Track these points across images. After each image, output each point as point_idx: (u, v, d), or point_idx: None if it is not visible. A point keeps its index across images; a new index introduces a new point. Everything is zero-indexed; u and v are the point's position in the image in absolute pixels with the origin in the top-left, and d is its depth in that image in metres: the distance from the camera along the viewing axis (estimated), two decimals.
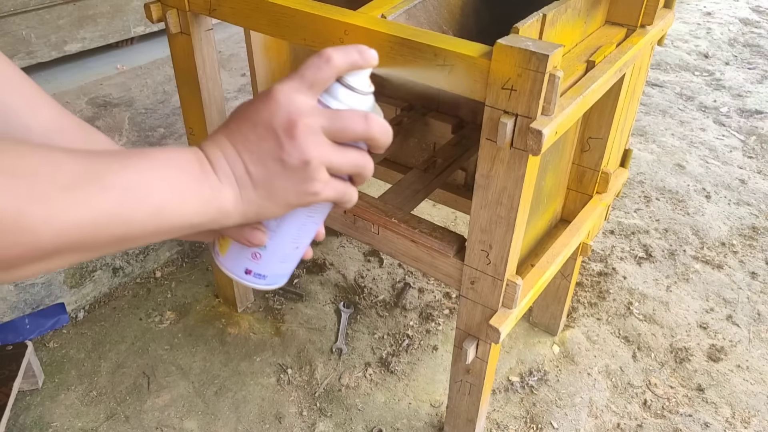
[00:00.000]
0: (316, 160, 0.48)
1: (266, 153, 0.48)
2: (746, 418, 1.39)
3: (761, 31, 3.45)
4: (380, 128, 0.51)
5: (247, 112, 0.49)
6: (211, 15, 1.05)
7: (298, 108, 0.48)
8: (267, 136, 0.48)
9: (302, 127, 0.47)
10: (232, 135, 0.49)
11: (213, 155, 0.49)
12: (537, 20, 0.85)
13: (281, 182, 0.48)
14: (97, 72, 2.60)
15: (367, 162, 0.52)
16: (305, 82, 0.50)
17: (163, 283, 1.70)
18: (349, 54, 0.51)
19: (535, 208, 1.11)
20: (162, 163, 0.46)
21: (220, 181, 0.48)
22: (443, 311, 1.62)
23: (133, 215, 0.43)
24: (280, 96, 0.49)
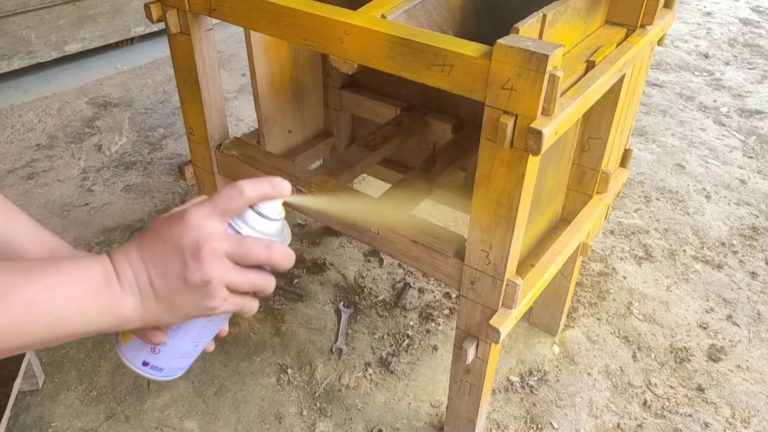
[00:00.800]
0: (216, 280, 0.52)
1: (171, 270, 0.52)
2: (746, 418, 1.39)
3: (761, 31, 3.45)
4: (281, 256, 0.56)
5: (160, 229, 0.54)
6: (211, 15, 1.05)
7: (207, 233, 0.52)
8: (174, 254, 0.52)
9: (207, 250, 0.52)
10: (143, 249, 0.54)
11: (120, 266, 0.53)
12: (537, 20, 0.85)
13: (182, 297, 0.53)
14: (97, 72, 2.60)
15: (266, 282, 0.57)
16: (217, 210, 0.53)
17: None
18: (262, 187, 0.55)
19: (535, 208, 1.11)
20: (68, 277, 0.51)
21: (123, 292, 0.52)
22: (443, 311, 1.62)
23: (31, 327, 0.48)
24: (192, 219, 0.53)
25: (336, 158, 1.43)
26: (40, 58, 2.46)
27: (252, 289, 0.56)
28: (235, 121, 2.22)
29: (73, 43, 2.55)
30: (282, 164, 1.22)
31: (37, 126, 2.17)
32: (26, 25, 2.36)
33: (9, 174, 1.89)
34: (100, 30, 2.61)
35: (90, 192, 1.82)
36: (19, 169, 1.92)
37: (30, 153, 2.01)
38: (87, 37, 2.58)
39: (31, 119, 2.20)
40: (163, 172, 1.92)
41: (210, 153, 1.29)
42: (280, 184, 0.56)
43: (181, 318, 0.55)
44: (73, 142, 2.09)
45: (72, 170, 1.94)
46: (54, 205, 1.75)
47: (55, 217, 1.70)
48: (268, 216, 0.57)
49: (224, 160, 1.29)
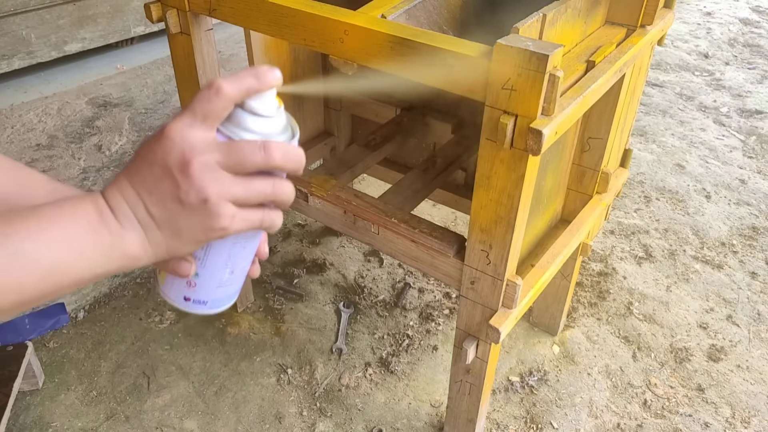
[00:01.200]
0: (215, 196, 0.46)
1: (164, 193, 0.47)
2: (746, 418, 1.39)
3: (761, 31, 3.45)
4: (281, 155, 0.48)
5: (145, 152, 0.48)
6: (211, 15, 1.05)
7: (192, 144, 0.46)
8: (163, 176, 0.46)
9: (197, 165, 0.46)
10: (132, 177, 0.48)
11: (113, 200, 0.48)
12: (537, 20, 0.85)
13: (185, 221, 0.47)
14: (97, 72, 2.60)
15: (279, 188, 0.49)
16: (197, 116, 0.47)
17: None
18: (243, 80, 0.48)
19: (535, 208, 1.11)
20: (53, 220, 0.45)
21: (122, 227, 0.47)
22: (443, 311, 1.62)
23: (22, 281, 0.43)
24: (172, 133, 0.47)
25: (336, 158, 1.43)
26: (40, 58, 2.46)
27: (264, 199, 0.49)
28: None
29: (73, 43, 2.55)
30: None
31: (37, 126, 2.17)
32: (26, 25, 2.36)
33: None
34: (100, 30, 2.61)
35: (90, 192, 1.82)
36: None
37: (30, 153, 2.01)
38: (87, 37, 2.58)
39: (31, 119, 2.20)
40: None
41: None
42: (266, 73, 0.48)
43: (193, 244, 0.49)
44: (73, 142, 2.08)
45: (72, 170, 1.94)
46: None
47: None
48: (261, 113, 0.49)
49: None
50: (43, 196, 0.58)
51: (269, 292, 1.66)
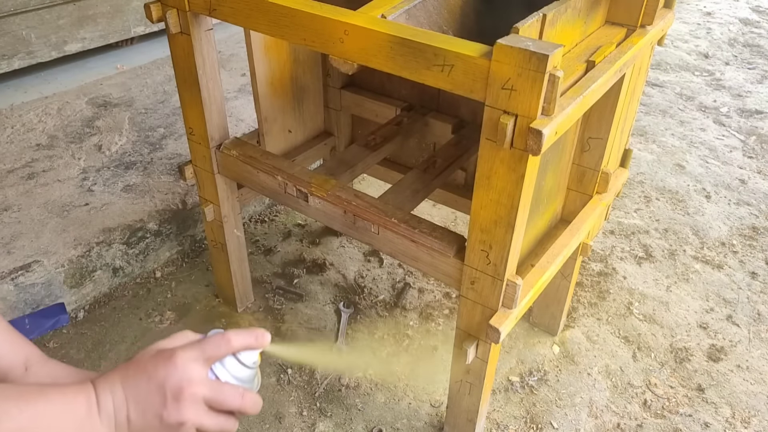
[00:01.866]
0: (190, 422, 0.57)
1: (150, 407, 0.56)
2: (746, 418, 1.39)
3: (761, 31, 3.45)
4: (251, 404, 0.61)
5: (147, 365, 0.58)
6: (211, 15, 1.05)
7: (190, 377, 0.57)
8: (156, 392, 0.56)
9: (188, 395, 0.56)
10: (127, 381, 0.57)
11: (102, 397, 0.57)
12: (537, 20, 0.85)
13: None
14: (97, 72, 2.60)
15: (232, 426, 0.61)
16: (204, 356, 0.58)
17: (163, 283, 1.70)
18: (247, 338, 0.61)
19: (535, 208, 1.11)
20: (55, 407, 0.54)
21: (101, 423, 0.56)
22: (443, 311, 1.62)
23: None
24: (179, 362, 0.57)
25: (336, 158, 1.43)
26: (40, 58, 2.46)
27: (218, 430, 0.61)
28: (235, 121, 2.21)
29: (73, 43, 2.55)
30: (282, 164, 1.22)
31: (37, 126, 2.17)
32: (26, 25, 2.36)
33: (9, 174, 1.89)
34: (100, 30, 2.61)
35: (90, 192, 1.82)
36: (19, 169, 1.92)
37: (30, 153, 2.01)
38: (87, 37, 2.58)
39: (31, 119, 2.20)
40: (163, 172, 1.92)
41: (210, 153, 1.29)
42: (263, 336, 0.62)
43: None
44: (73, 142, 2.08)
45: (72, 170, 1.94)
46: (54, 205, 1.75)
47: (55, 217, 1.70)
48: (246, 364, 0.62)
49: (224, 160, 1.29)
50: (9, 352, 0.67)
51: (269, 292, 1.66)
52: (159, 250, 1.75)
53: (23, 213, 1.73)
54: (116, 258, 1.65)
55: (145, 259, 1.72)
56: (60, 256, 1.56)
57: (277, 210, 1.97)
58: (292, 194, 1.20)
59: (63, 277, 1.56)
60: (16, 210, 1.74)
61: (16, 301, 1.50)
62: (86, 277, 1.60)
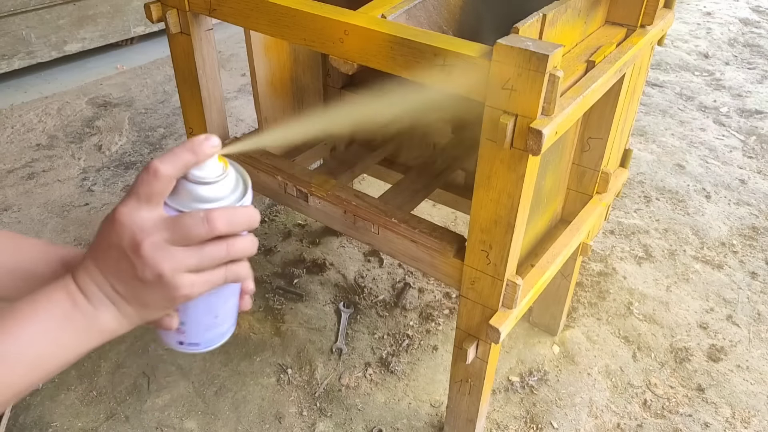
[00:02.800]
0: (169, 271, 0.49)
1: (125, 273, 0.50)
2: (746, 418, 1.39)
3: (761, 31, 3.45)
4: (225, 222, 0.50)
5: (103, 235, 0.52)
6: (211, 15, 1.05)
7: (140, 226, 0.49)
8: (120, 257, 0.50)
9: (147, 245, 0.49)
10: (97, 259, 0.52)
11: (84, 284, 0.52)
12: (537, 20, 0.85)
13: (149, 295, 0.51)
14: (97, 72, 2.60)
15: (234, 249, 0.51)
16: (141, 199, 0.50)
17: None
18: (179, 157, 0.50)
19: (535, 208, 1.11)
20: (30, 317, 0.49)
21: (95, 308, 0.51)
22: (443, 311, 1.62)
23: (9, 380, 0.48)
24: (122, 217, 0.50)
25: (336, 158, 1.43)
26: (40, 58, 2.46)
27: (220, 262, 0.52)
28: (235, 121, 2.22)
29: (73, 43, 2.55)
30: (282, 164, 1.22)
31: (37, 126, 2.17)
32: (26, 25, 2.36)
33: (9, 174, 1.89)
34: (100, 30, 2.61)
35: (90, 192, 1.82)
36: (19, 169, 1.92)
37: (30, 153, 2.01)
38: (87, 37, 2.58)
39: (31, 119, 2.20)
40: None
41: None
42: (201, 144, 0.50)
43: (162, 310, 0.53)
44: (73, 142, 2.09)
45: (72, 170, 1.94)
46: (54, 205, 1.75)
47: (55, 217, 1.70)
48: (205, 179, 0.51)
49: None
50: (44, 265, 0.63)
51: (269, 292, 1.66)
52: None
53: (23, 213, 1.73)
54: None
55: None
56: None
57: (277, 210, 1.97)
58: (292, 194, 1.20)
59: None
60: (16, 210, 1.74)
61: None
62: None
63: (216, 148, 0.51)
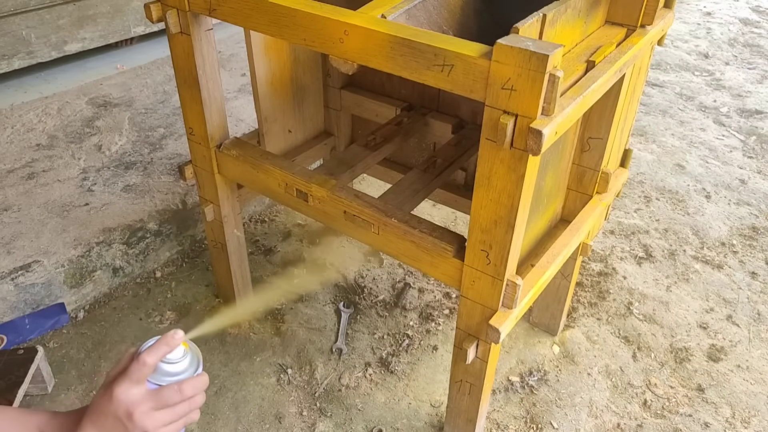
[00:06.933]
0: (153, 428, 0.70)
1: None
2: (746, 418, 1.39)
3: (761, 31, 3.45)
4: (191, 388, 0.73)
5: (101, 407, 0.71)
6: (211, 15, 1.05)
7: (132, 401, 0.70)
8: (116, 423, 0.70)
9: (137, 414, 0.70)
10: (95, 423, 0.70)
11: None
12: (537, 20, 0.85)
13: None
14: (97, 72, 2.60)
15: (190, 407, 0.74)
16: (133, 380, 0.70)
17: (163, 283, 1.70)
18: (159, 350, 0.72)
19: (535, 208, 1.11)
20: None
21: None
22: (443, 311, 1.62)
23: None
24: (119, 395, 0.70)
25: (336, 158, 1.43)
26: (40, 58, 2.46)
27: (183, 416, 0.74)
28: (235, 121, 2.21)
29: (73, 43, 2.55)
30: (282, 164, 1.22)
31: (37, 126, 2.17)
32: (26, 25, 2.36)
33: (9, 174, 1.89)
34: (100, 30, 2.61)
35: (90, 192, 1.82)
36: (19, 169, 1.92)
37: (30, 153, 2.01)
38: (87, 37, 2.58)
39: (31, 119, 2.20)
40: (163, 172, 1.92)
41: (210, 153, 1.29)
42: (172, 339, 0.73)
43: None
44: (73, 142, 2.08)
45: (72, 170, 1.94)
46: (54, 205, 1.75)
47: (55, 217, 1.70)
48: (174, 360, 0.73)
49: (224, 160, 1.29)
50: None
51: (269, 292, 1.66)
52: (159, 250, 1.75)
53: (23, 213, 1.73)
54: (116, 258, 1.65)
55: (145, 259, 1.72)
56: (60, 256, 1.56)
57: (277, 210, 1.97)
58: (292, 194, 1.20)
59: (63, 277, 1.56)
60: (16, 210, 1.74)
61: (16, 301, 1.50)
62: (86, 277, 1.60)
63: (182, 338, 0.74)
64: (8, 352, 1.34)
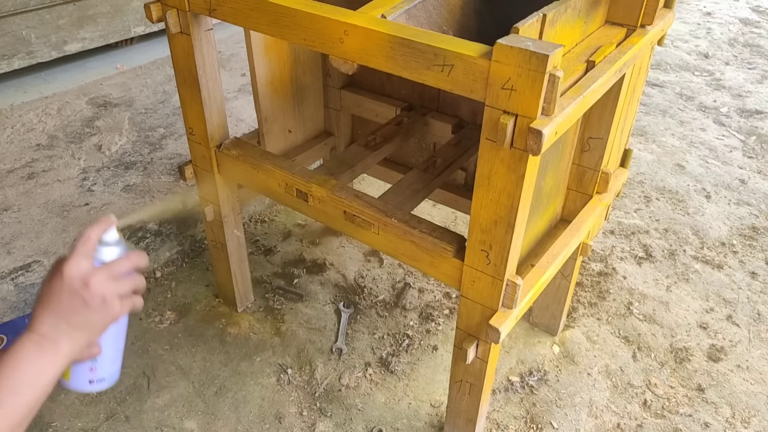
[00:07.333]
0: (110, 293, 0.73)
1: (77, 306, 0.72)
2: (746, 418, 1.39)
3: (761, 31, 3.45)
4: (137, 260, 0.79)
5: (52, 289, 0.72)
6: (211, 15, 1.05)
7: (86, 271, 0.72)
8: (72, 296, 0.71)
9: (93, 282, 0.72)
10: (49, 309, 0.72)
11: (42, 329, 0.71)
12: (537, 20, 0.85)
13: (94, 318, 0.73)
14: (97, 72, 2.60)
15: (139, 280, 0.79)
16: (81, 254, 0.73)
17: (163, 283, 1.70)
18: (98, 226, 0.77)
19: (535, 208, 1.11)
20: (16, 366, 0.69)
21: (55, 344, 0.71)
22: (443, 311, 1.62)
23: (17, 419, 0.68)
24: (70, 270, 0.72)
25: (336, 158, 1.43)
26: (40, 58, 2.46)
27: (132, 289, 0.78)
28: (235, 121, 2.22)
29: (73, 43, 2.55)
30: (282, 164, 1.22)
31: (37, 126, 2.17)
32: (26, 25, 2.36)
33: (9, 174, 1.89)
34: (100, 30, 2.61)
35: (90, 192, 1.82)
36: (19, 169, 1.92)
37: (30, 153, 2.01)
38: (87, 37, 2.58)
39: (31, 119, 2.20)
40: (163, 172, 1.92)
41: (210, 153, 1.29)
42: (107, 220, 0.78)
43: (101, 331, 0.75)
44: (73, 142, 2.09)
45: (72, 170, 1.94)
46: (54, 205, 1.75)
47: (55, 217, 1.70)
48: (111, 242, 0.79)
49: (224, 160, 1.29)
50: None
51: (269, 292, 1.66)
52: (159, 250, 1.75)
53: (23, 213, 1.73)
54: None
55: None
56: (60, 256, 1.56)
57: (277, 210, 1.97)
58: (292, 194, 1.20)
59: None
60: (16, 210, 1.74)
61: (16, 301, 1.50)
62: None
63: (114, 220, 0.79)
64: None
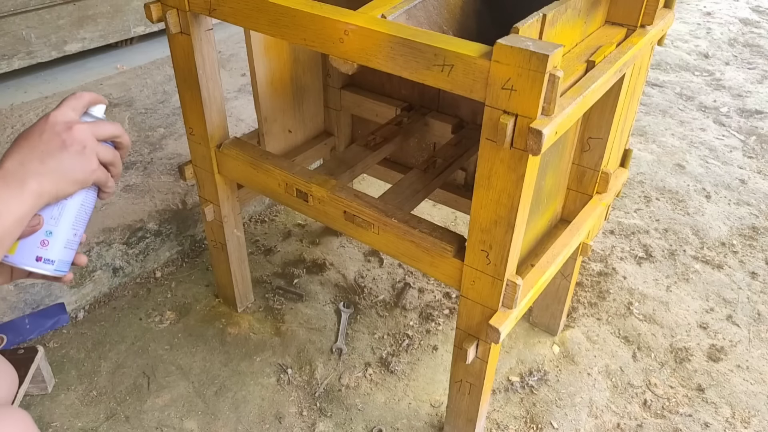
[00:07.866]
0: (90, 145, 0.71)
1: (53, 147, 0.69)
2: (746, 418, 1.39)
3: (761, 31, 3.45)
4: (119, 127, 0.76)
5: (32, 130, 0.70)
6: (211, 15, 1.05)
7: (72, 118, 0.71)
8: (51, 137, 0.69)
9: (77, 126, 0.70)
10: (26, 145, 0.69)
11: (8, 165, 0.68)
12: (537, 20, 0.85)
13: (68, 163, 0.69)
14: (97, 72, 2.60)
15: (118, 158, 0.76)
16: (70, 107, 0.72)
17: (163, 283, 1.70)
18: (92, 95, 0.76)
19: (535, 208, 1.11)
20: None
21: (22, 180, 0.67)
22: (443, 311, 1.62)
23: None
24: (56, 116, 0.70)
25: (336, 158, 1.43)
26: (40, 58, 2.46)
27: (111, 160, 0.74)
28: (235, 121, 2.21)
29: (73, 43, 2.55)
30: (282, 164, 1.22)
31: None
32: (26, 25, 2.36)
33: None
34: (100, 30, 2.61)
35: None
36: None
37: None
38: (87, 37, 2.58)
39: (32, 119, 2.20)
40: (163, 172, 1.92)
41: (210, 153, 1.29)
42: (100, 97, 0.77)
43: (72, 184, 0.70)
44: None
45: None
46: None
47: None
48: (99, 116, 0.77)
49: (224, 160, 1.29)
50: None
51: (269, 292, 1.66)
52: (159, 250, 1.75)
53: None
54: (116, 258, 1.65)
55: (145, 259, 1.72)
56: None
57: (277, 210, 1.97)
58: (292, 194, 1.20)
59: None
60: None
61: (16, 301, 1.50)
62: (86, 277, 1.60)
63: (102, 98, 0.77)
64: (8, 351, 1.34)
